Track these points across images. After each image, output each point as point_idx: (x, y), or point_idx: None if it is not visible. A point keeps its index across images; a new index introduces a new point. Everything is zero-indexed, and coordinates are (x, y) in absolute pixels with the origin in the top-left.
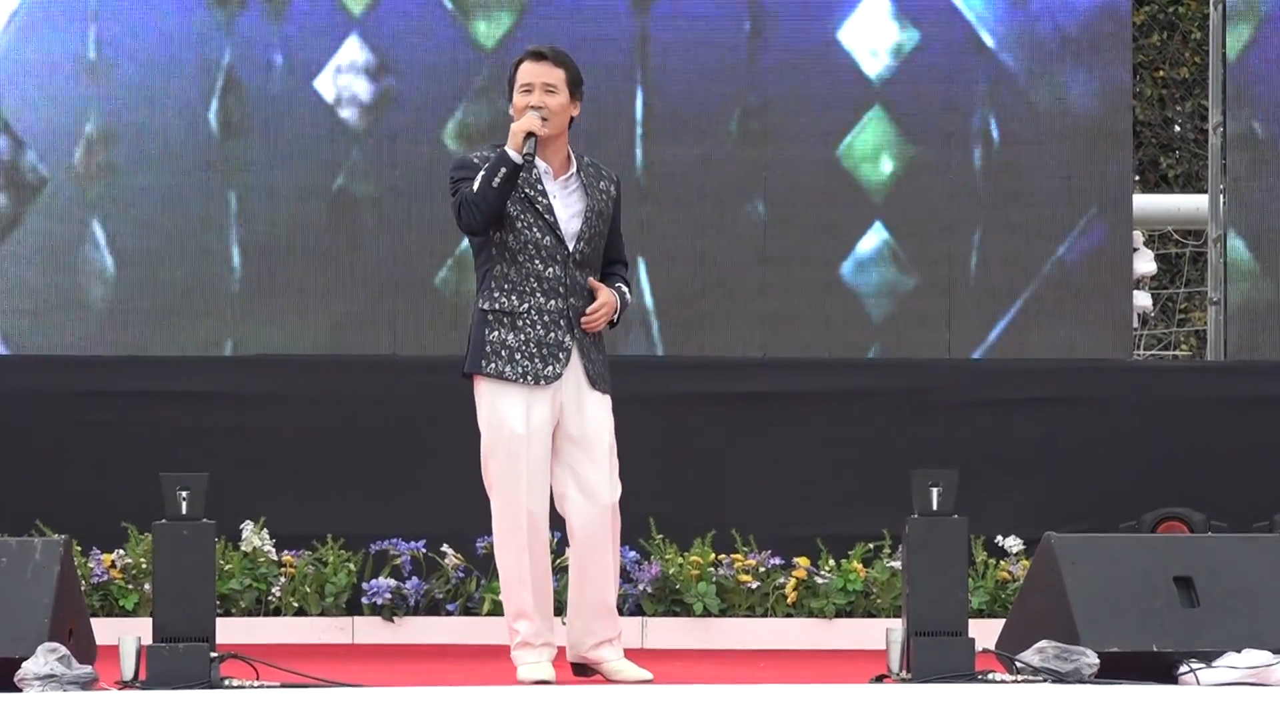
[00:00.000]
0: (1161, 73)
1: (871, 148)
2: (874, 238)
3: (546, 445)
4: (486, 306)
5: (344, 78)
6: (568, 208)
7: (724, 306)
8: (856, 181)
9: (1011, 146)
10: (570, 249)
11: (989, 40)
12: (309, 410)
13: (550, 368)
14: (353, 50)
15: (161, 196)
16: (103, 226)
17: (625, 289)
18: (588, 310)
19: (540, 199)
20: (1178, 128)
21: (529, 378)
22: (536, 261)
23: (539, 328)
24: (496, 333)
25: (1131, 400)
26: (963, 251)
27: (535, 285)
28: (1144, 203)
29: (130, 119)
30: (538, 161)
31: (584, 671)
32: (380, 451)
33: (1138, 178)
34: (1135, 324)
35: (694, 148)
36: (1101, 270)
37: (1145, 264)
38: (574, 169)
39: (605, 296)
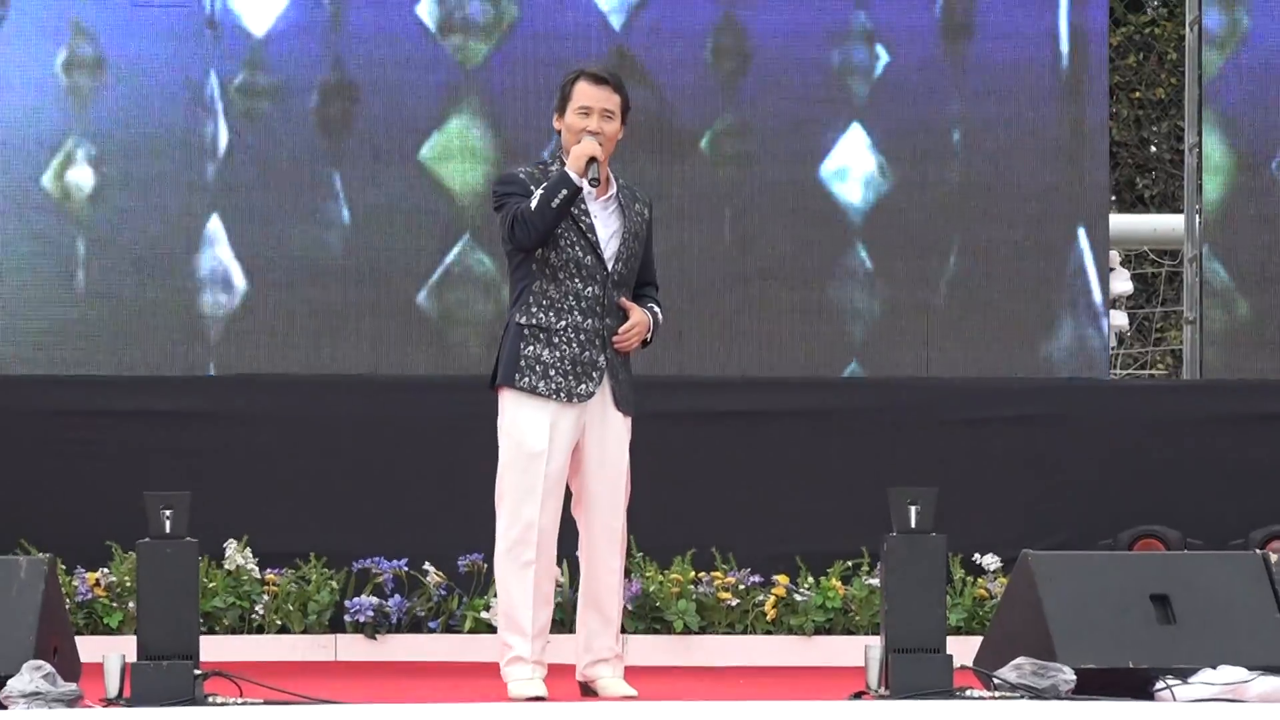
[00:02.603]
0: (1138, 94)
1: (850, 168)
2: (852, 257)
3: (564, 465)
4: (524, 321)
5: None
6: (607, 227)
7: (702, 326)
8: (835, 201)
9: (989, 167)
10: (610, 268)
11: (966, 61)
12: (291, 429)
13: (584, 386)
14: (335, 73)
15: (147, 219)
16: (88, 248)
17: (658, 309)
18: (620, 330)
19: (584, 218)
20: (1154, 148)
21: (562, 394)
22: (577, 280)
23: (575, 345)
24: (532, 348)
25: (1108, 419)
26: (940, 271)
27: (574, 303)
28: (1120, 222)
29: (120, 142)
30: (581, 182)
31: (588, 691)
32: (362, 471)
33: (1114, 198)
34: (1112, 343)
35: (672, 167)
36: (1078, 290)
37: (1122, 283)
38: (614, 190)
39: (639, 316)
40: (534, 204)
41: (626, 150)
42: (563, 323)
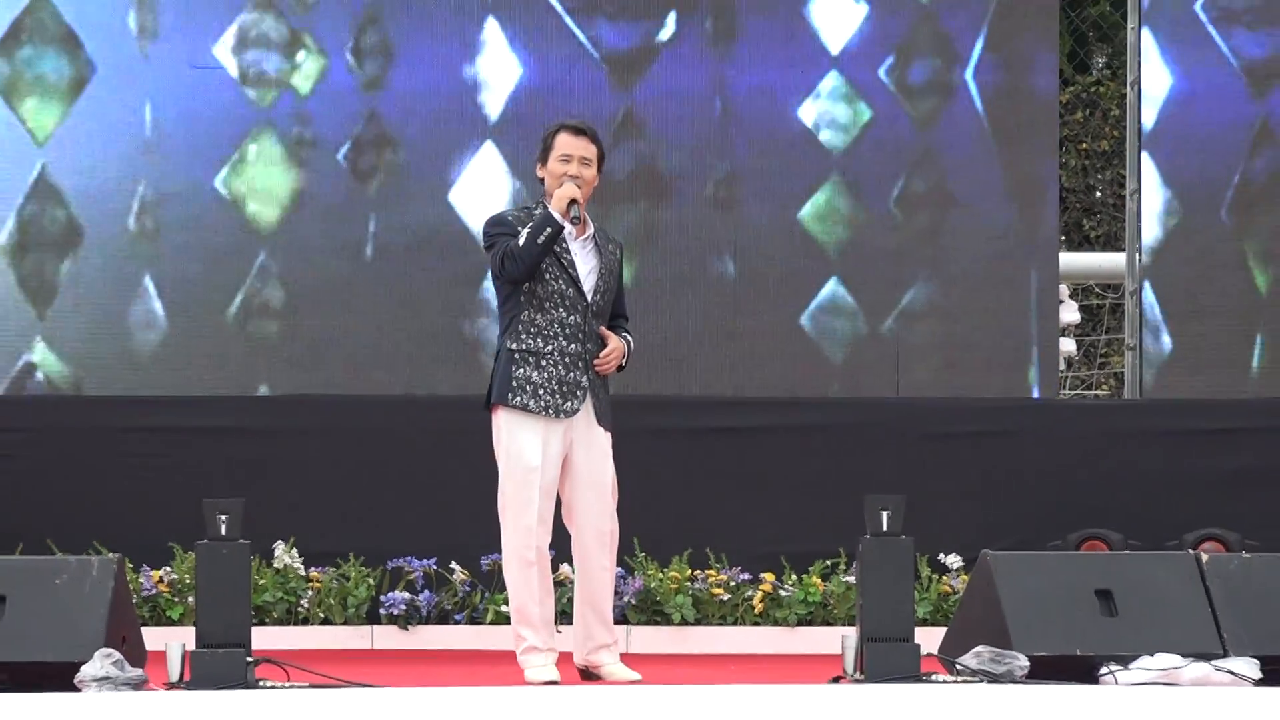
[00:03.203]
0: (1085, 145)
1: (828, 211)
2: (831, 291)
3: (556, 475)
4: (514, 347)
5: (363, 149)
6: (586, 264)
7: (699, 351)
8: (815, 241)
9: (952, 210)
10: (589, 299)
11: (912, 110)
12: (333, 443)
13: (569, 403)
14: (372, 125)
15: (202, 255)
16: (153, 282)
17: (630, 338)
18: (600, 354)
19: (565, 255)
20: (1099, 194)
21: (550, 411)
22: (560, 310)
23: (560, 367)
24: (522, 370)
25: (1058, 434)
26: (909, 302)
27: (558, 330)
28: (1069, 260)
29: (176, 185)
30: (563, 221)
31: (587, 675)
32: (396, 479)
33: (1063, 237)
34: (1061, 367)
35: (671, 211)
36: (1031, 319)
37: (1070, 314)
38: (591, 231)
39: (616, 343)
40: (522, 241)
41: (631, 195)
42: (549, 347)
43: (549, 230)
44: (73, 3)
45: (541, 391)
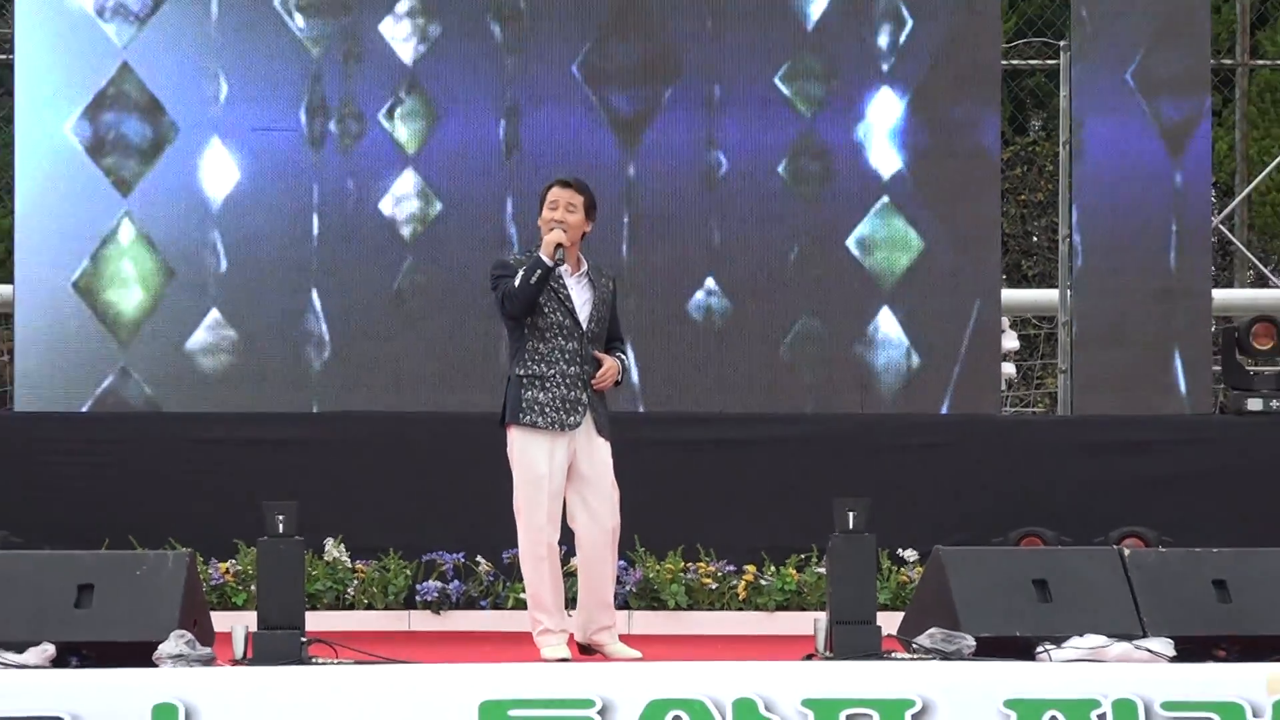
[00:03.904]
0: (1023, 197)
1: (807, 256)
2: (804, 322)
3: (563, 481)
4: (521, 372)
5: (403, 202)
6: (580, 297)
7: (691, 374)
8: (790, 280)
9: (913, 255)
10: (585, 328)
11: (889, 169)
12: (374, 453)
13: (572, 418)
14: (408, 181)
15: (262, 292)
16: (221, 314)
17: (624, 358)
18: (597, 374)
19: (562, 290)
20: (1035, 238)
21: (556, 426)
22: (560, 338)
23: (563, 388)
24: (530, 393)
25: (1000, 445)
26: (872, 332)
27: (559, 356)
28: (1010, 296)
29: (245, 230)
30: (550, 262)
31: (587, 651)
32: (429, 484)
33: (1005, 276)
34: (1003, 388)
35: (665, 252)
36: (977, 346)
37: (1010, 341)
38: (584, 268)
39: (610, 363)
40: (517, 282)
41: (630, 237)
42: (552, 371)
43: (539, 271)
44: (156, 72)
45: (548, 410)
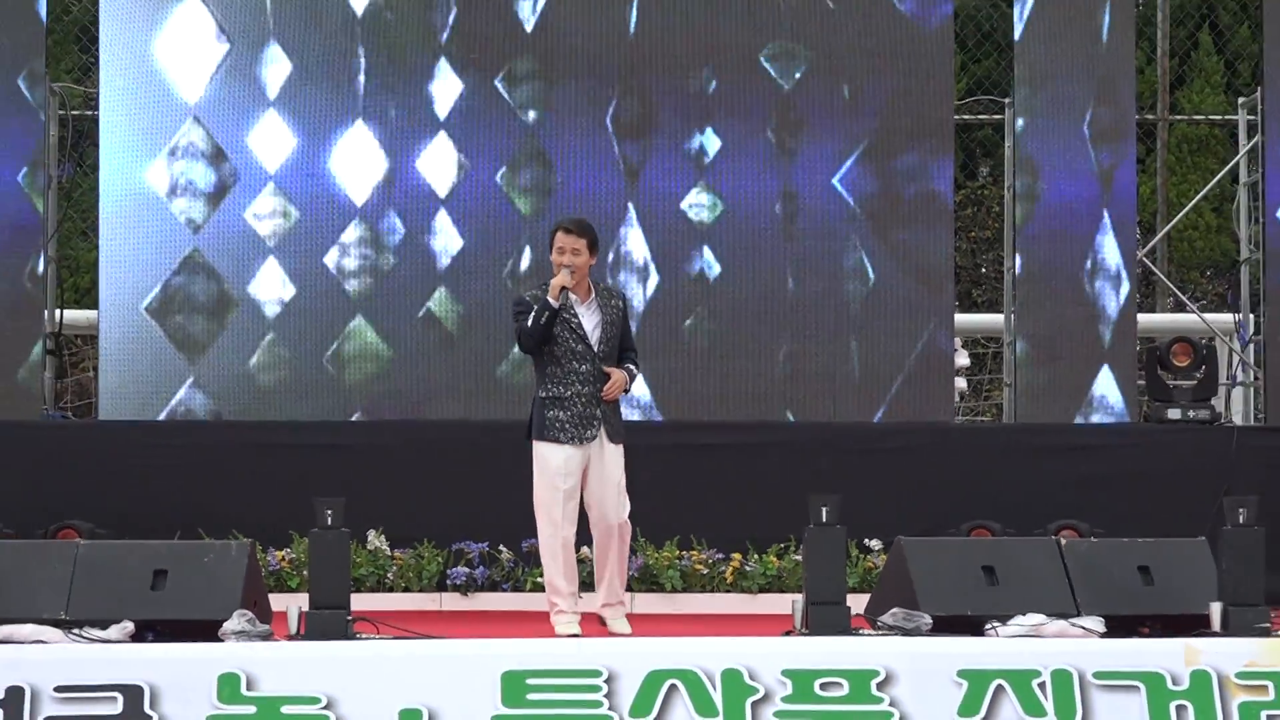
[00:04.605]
0: (973, 234)
1: (789, 290)
2: (787, 344)
3: (577, 483)
4: (544, 394)
5: (436, 237)
6: (590, 322)
7: (690, 389)
8: (772, 308)
9: (879, 284)
10: (595, 350)
11: (853, 205)
12: (412, 456)
13: (588, 432)
14: (441, 222)
15: (313, 316)
16: (277, 335)
17: (633, 367)
18: (605, 387)
19: (573, 319)
20: (983, 270)
21: (575, 440)
22: (574, 361)
23: (579, 405)
24: (552, 412)
25: (954, 449)
26: (847, 353)
27: (575, 378)
28: (962, 319)
29: (297, 264)
30: (569, 294)
31: (602, 622)
32: (457, 483)
33: (958, 303)
34: (956, 399)
35: (662, 282)
36: (933, 364)
37: (962, 359)
38: (593, 295)
39: (617, 375)
40: (528, 323)
41: (662, 273)
42: (569, 392)
43: (546, 314)
44: (217, 123)
45: (567, 426)
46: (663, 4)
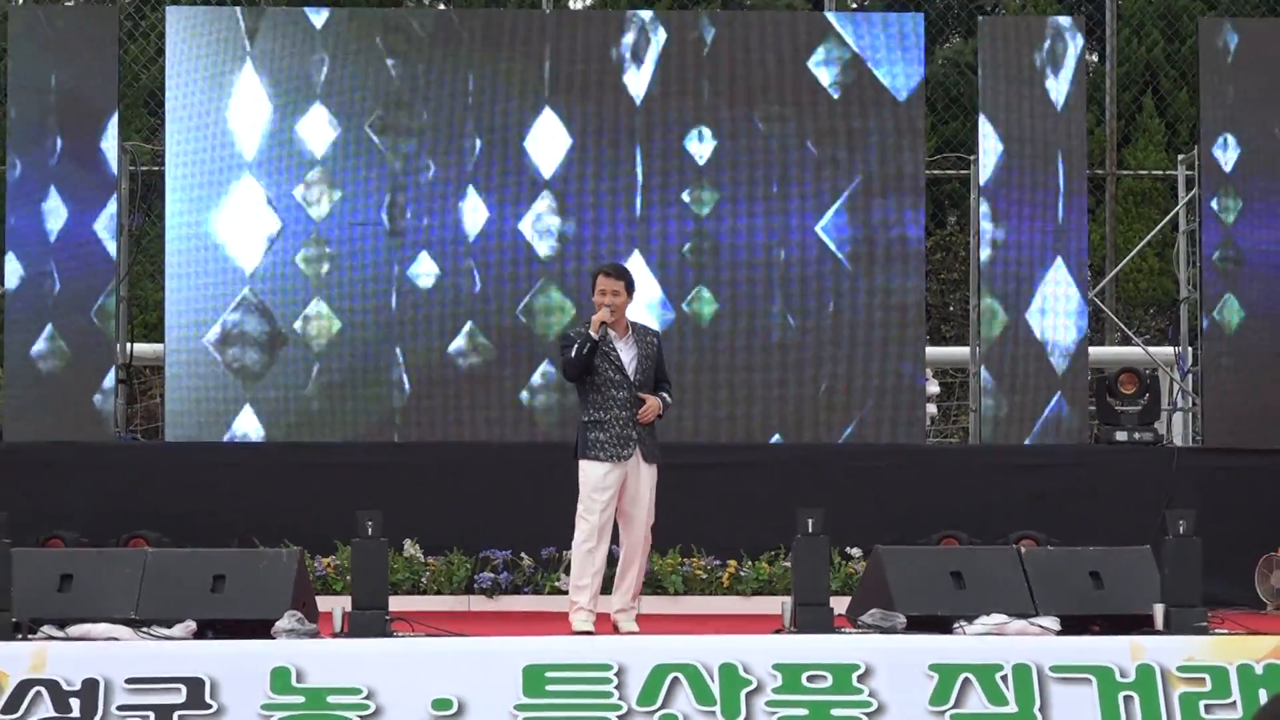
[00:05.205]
0: (942, 276)
1: (779, 326)
2: (776, 375)
3: (614, 499)
4: (586, 419)
5: (461, 278)
6: (627, 354)
7: (691, 414)
8: (756, 344)
9: (857, 319)
10: (632, 379)
11: (836, 250)
12: (445, 473)
13: (626, 451)
14: (467, 275)
15: (356, 349)
16: (323, 365)
17: (667, 396)
18: (640, 411)
19: (613, 352)
20: (951, 308)
21: (613, 459)
22: (613, 389)
23: (617, 428)
24: (594, 434)
25: (925, 467)
26: (830, 382)
27: (613, 404)
28: (932, 352)
29: (342, 301)
30: (609, 330)
31: (615, 627)
32: (484, 497)
33: (928, 337)
34: (927, 423)
35: (674, 321)
36: (905, 392)
37: (933, 387)
38: (630, 333)
39: (652, 401)
40: (572, 355)
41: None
42: (608, 416)
43: (588, 346)
44: (270, 182)
45: (607, 446)
46: (665, 75)
